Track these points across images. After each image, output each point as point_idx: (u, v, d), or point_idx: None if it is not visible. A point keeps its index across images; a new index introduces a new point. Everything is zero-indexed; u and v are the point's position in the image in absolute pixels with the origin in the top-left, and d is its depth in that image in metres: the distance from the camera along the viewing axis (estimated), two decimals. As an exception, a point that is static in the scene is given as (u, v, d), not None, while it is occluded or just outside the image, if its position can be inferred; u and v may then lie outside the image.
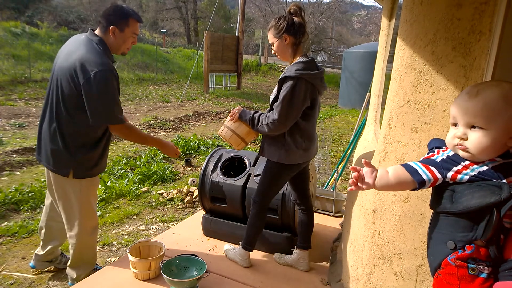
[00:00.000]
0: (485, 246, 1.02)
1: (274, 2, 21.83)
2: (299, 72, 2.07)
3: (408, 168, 1.12)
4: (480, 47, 1.44)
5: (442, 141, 1.19)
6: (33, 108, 8.61)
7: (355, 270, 2.03)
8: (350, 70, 12.92)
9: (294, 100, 2.08)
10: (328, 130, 6.88)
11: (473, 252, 1.03)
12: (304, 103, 2.13)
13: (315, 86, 2.16)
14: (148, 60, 18.88)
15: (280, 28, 2.14)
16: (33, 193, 3.75)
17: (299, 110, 2.13)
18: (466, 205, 1.01)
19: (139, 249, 2.49)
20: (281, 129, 2.15)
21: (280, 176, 2.33)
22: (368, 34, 32.14)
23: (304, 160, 2.32)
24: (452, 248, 1.06)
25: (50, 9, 24.02)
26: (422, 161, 1.13)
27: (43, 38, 15.86)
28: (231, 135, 2.30)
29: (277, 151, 2.23)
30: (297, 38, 2.17)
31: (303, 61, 2.14)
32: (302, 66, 2.10)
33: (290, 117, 2.11)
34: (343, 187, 4.56)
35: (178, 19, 32.05)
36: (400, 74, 1.66)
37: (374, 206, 1.82)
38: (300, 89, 2.07)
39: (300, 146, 2.24)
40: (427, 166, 1.10)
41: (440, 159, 1.11)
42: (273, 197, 2.45)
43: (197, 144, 6.23)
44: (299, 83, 2.07)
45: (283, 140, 2.21)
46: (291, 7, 2.20)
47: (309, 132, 2.27)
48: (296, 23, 2.14)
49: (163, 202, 3.95)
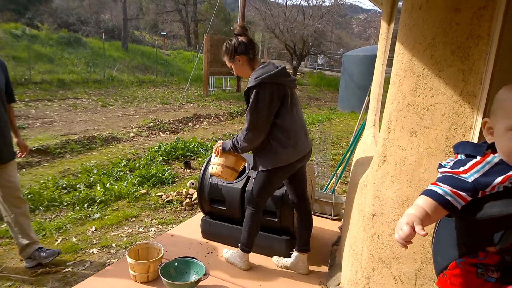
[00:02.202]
0: (498, 253, 0.98)
1: (274, 5, 21.87)
2: (258, 78, 2.17)
3: (439, 199, 1.00)
4: (478, 51, 1.45)
5: (474, 147, 1.05)
6: (33, 110, 8.61)
7: (354, 274, 2.03)
8: (349, 73, 12.94)
9: (260, 105, 2.17)
10: (327, 133, 6.88)
11: (485, 259, 0.99)
12: (272, 105, 2.20)
13: (281, 84, 2.23)
14: (148, 63, 18.91)
15: (231, 52, 2.31)
16: (32, 195, 3.74)
17: (268, 113, 2.20)
18: (486, 213, 0.95)
19: (138, 251, 2.49)
20: (258, 135, 2.23)
21: (274, 178, 2.36)
22: (368, 37, 32.24)
23: (297, 157, 2.31)
24: (463, 252, 1.02)
25: (50, 11, 24.06)
26: (451, 184, 1.00)
27: (43, 40, 15.88)
28: (222, 169, 2.41)
29: (268, 158, 2.28)
30: (249, 55, 2.32)
31: (259, 68, 2.26)
32: (259, 73, 2.20)
33: (260, 122, 2.19)
34: (342, 190, 4.56)
35: (178, 22, 32.10)
36: (399, 78, 1.67)
37: (373, 210, 1.82)
38: (264, 94, 2.16)
39: (286, 144, 2.25)
40: (457, 193, 0.98)
41: (476, 176, 0.98)
42: (268, 198, 2.48)
43: (197, 146, 6.23)
44: (261, 88, 2.16)
45: (269, 145, 2.27)
46: (234, 28, 2.38)
47: (291, 128, 2.28)
48: (242, 43, 2.30)
49: (162, 204, 3.94)
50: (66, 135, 6.55)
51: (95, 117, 8.52)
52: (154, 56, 19.28)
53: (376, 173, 1.80)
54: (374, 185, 1.82)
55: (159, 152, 5.72)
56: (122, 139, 6.64)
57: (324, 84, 21.09)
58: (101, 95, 11.69)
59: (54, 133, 6.64)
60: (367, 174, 1.99)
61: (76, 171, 4.73)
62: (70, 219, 3.43)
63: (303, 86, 20.51)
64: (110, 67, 16.13)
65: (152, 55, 19.61)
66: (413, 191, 1.64)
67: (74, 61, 15.31)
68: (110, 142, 6.37)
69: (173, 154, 5.78)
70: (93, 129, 7.24)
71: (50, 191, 3.94)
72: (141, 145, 6.43)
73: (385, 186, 1.75)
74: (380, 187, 1.78)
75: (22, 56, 13.22)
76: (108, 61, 16.58)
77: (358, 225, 2.01)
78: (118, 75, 15.49)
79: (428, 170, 1.59)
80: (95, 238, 3.14)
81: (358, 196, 2.08)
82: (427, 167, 1.60)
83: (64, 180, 4.28)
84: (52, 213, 3.57)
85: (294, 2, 42.85)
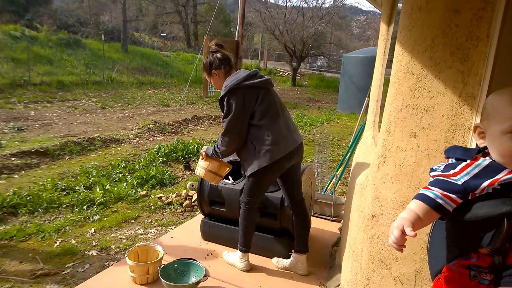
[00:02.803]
0: (490, 255, 0.99)
1: (274, 7, 21.89)
2: (227, 87, 2.30)
3: (430, 202, 1.02)
4: (478, 52, 1.45)
5: (465, 151, 1.08)
6: (32, 112, 8.61)
7: (353, 275, 2.03)
8: (349, 75, 12.95)
9: (232, 110, 2.27)
10: (327, 135, 6.88)
11: (477, 261, 0.99)
12: (244, 108, 2.28)
13: (252, 86, 2.30)
14: (148, 64, 18.91)
15: (208, 68, 2.46)
16: (31, 197, 3.74)
17: (242, 116, 2.28)
18: (475, 214, 0.97)
19: (138, 253, 2.48)
20: (233, 139, 2.32)
21: (263, 177, 2.37)
22: (367, 39, 32.26)
23: (282, 154, 2.30)
24: (456, 254, 1.03)
25: (49, 12, 24.07)
26: (442, 187, 1.02)
27: (42, 41, 15.87)
28: (205, 172, 2.57)
29: (253, 160, 2.32)
30: (225, 69, 2.44)
31: (229, 77, 2.38)
32: (228, 81, 2.33)
33: (234, 126, 2.29)
34: (342, 192, 4.56)
35: (177, 23, 32.13)
36: (399, 79, 1.67)
37: (372, 211, 1.82)
38: (236, 99, 2.27)
39: (267, 143, 2.28)
40: (448, 196, 1.01)
41: (466, 179, 1.00)
42: (261, 197, 2.51)
43: (196, 148, 6.22)
44: (232, 94, 2.28)
45: (251, 147, 2.33)
46: (210, 46, 2.50)
47: (270, 127, 2.30)
48: (216, 58, 2.43)
49: (162, 206, 3.94)
50: (65, 136, 6.54)
51: (94, 119, 8.52)
52: (153, 57, 19.29)
53: (376, 174, 1.81)
54: (373, 186, 1.82)
55: (159, 154, 5.71)
56: (121, 140, 6.64)
57: (323, 86, 21.11)
58: (101, 97, 11.69)
59: (53, 135, 6.64)
60: (366, 175, 1.99)
61: (75, 173, 4.73)
62: (69, 221, 3.42)
63: (302, 88, 20.52)
64: (109, 68, 16.13)
65: (151, 57, 19.61)
66: (412, 192, 1.64)
67: (73, 62, 15.31)
68: (109, 143, 6.37)
69: (173, 155, 5.77)
70: (92, 131, 7.23)
71: (49, 192, 3.93)
72: (141, 146, 6.42)
73: (385, 187, 1.75)
74: (379, 188, 1.78)
75: (22, 57, 13.22)
76: (107, 62, 16.59)
77: (357, 226, 2.01)
78: (118, 76, 15.49)
79: (427, 171, 1.59)
80: (95, 240, 3.13)
81: (357, 197, 2.08)
82: (426, 168, 1.60)
83: (63, 182, 4.27)
84: (51, 215, 3.57)
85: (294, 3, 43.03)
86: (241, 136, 2.33)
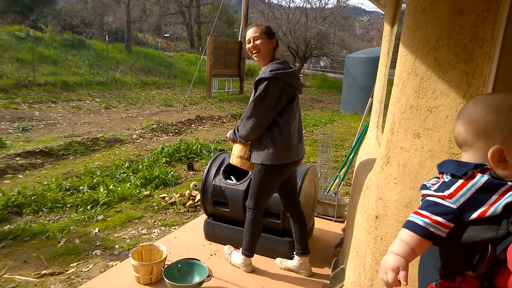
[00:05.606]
0: (477, 278, 0.95)
1: (277, 7, 21.91)
2: (273, 72, 2.17)
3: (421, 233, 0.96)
4: (482, 53, 1.44)
5: (458, 165, 0.99)
6: (36, 112, 8.65)
7: (357, 276, 2.03)
8: (352, 75, 12.93)
9: (268, 98, 2.17)
10: (330, 135, 6.87)
11: (462, 284, 0.96)
12: (279, 101, 2.20)
13: (292, 84, 2.24)
14: (151, 65, 18.98)
15: (271, 32, 2.33)
16: (35, 196, 3.76)
17: (272, 108, 2.19)
18: (465, 237, 0.92)
19: (141, 253, 2.49)
20: (256, 127, 2.22)
21: (268, 178, 2.34)
22: (370, 39, 32.20)
23: (289, 160, 2.30)
24: (441, 275, 0.99)
25: (54, 13, 24.21)
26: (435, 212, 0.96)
27: (47, 42, 15.97)
28: (236, 159, 2.44)
29: (261, 153, 2.28)
30: (276, 48, 2.35)
31: (276, 62, 2.27)
32: (275, 67, 2.21)
33: (262, 113, 2.19)
34: (345, 192, 4.55)
35: (181, 24, 32.23)
36: (403, 80, 1.67)
37: (376, 212, 1.82)
38: (274, 88, 2.16)
39: (281, 146, 2.25)
40: (439, 222, 0.94)
41: (461, 201, 0.93)
42: (266, 201, 2.46)
43: (199, 148, 6.24)
44: (273, 82, 2.16)
45: (265, 142, 2.27)
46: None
47: (289, 131, 2.28)
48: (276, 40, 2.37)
49: (165, 206, 3.95)
50: (69, 136, 6.57)
51: (98, 119, 8.56)
52: (157, 58, 19.34)
53: (379, 175, 1.80)
54: (377, 187, 1.82)
55: (162, 154, 5.73)
56: (125, 140, 6.67)
57: (326, 86, 21.10)
58: (105, 97, 11.74)
59: (57, 135, 6.67)
60: (370, 176, 1.99)
61: (79, 173, 4.75)
62: (74, 220, 3.44)
63: (305, 88, 20.51)
64: (113, 69, 16.20)
65: (155, 57, 19.67)
66: (416, 193, 1.64)
67: (77, 63, 15.39)
68: (113, 143, 6.40)
69: (176, 155, 5.79)
70: (96, 131, 7.27)
71: (54, 192, 3.96)
72: (144, 146, 6.45)
73: (389, 188, 1.75)
74: (383, 189, 1.78)
75: (26, 58, 13.30)
76: (111, 63, 16.66)
77: (361, 227, 2.01)
78: (122, 77, 15.55)
79: (431, 172, 1.59)
80: (98, 239, 3.15)
81: (361, 198, 2.08)
82: (430, 169, 1.60)
83: (68, 182, 4.29)
84: (55, 215, 3.59)
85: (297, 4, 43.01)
86: (263, 127, 2.24)
